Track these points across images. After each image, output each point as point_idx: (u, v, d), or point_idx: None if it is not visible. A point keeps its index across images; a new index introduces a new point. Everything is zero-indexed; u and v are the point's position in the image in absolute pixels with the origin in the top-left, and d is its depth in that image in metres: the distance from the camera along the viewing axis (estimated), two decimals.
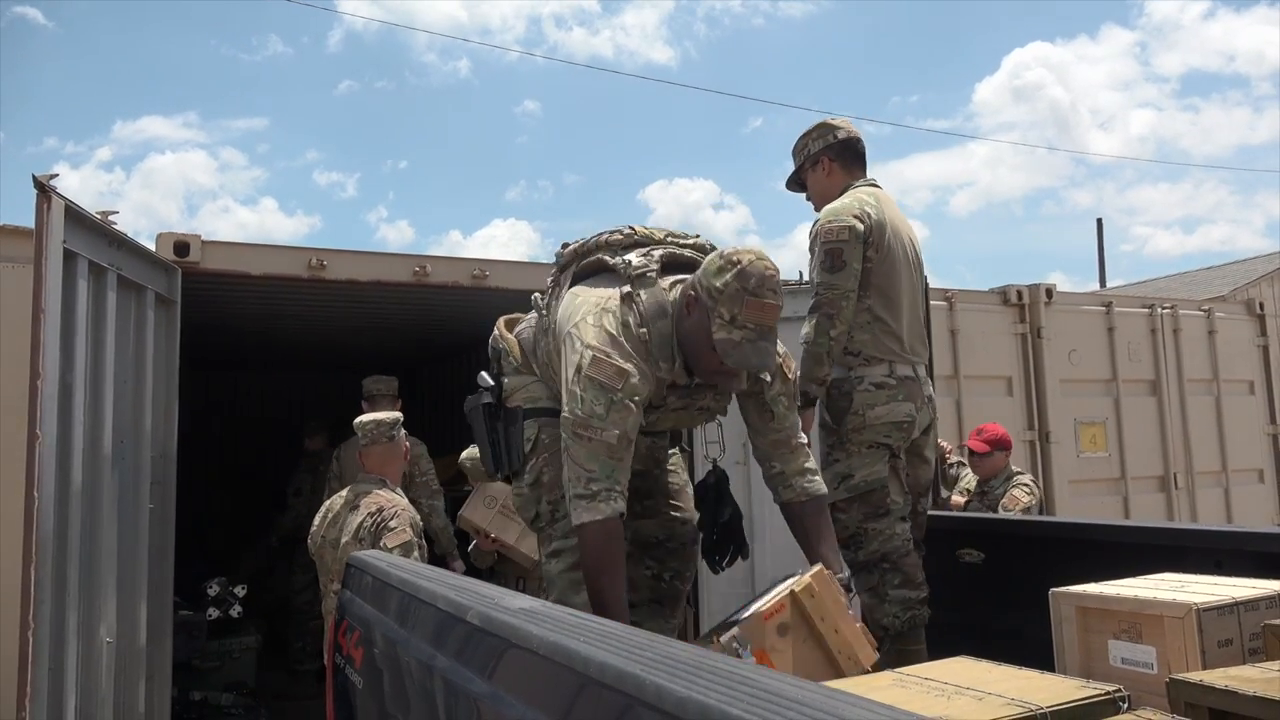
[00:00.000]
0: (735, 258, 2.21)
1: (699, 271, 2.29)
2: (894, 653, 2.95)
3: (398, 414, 4.06)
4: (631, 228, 2.52)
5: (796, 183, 3.31)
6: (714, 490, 2.69)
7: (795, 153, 3.29)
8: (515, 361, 2.64)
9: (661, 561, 2.72)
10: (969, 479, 5.03)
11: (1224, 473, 7.07)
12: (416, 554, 3.63)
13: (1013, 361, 6.25)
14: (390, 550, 3.54)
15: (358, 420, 3.98)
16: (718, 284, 2.20)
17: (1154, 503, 6.69)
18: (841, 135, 3.17)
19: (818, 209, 3.14)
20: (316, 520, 3.88)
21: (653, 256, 2.42)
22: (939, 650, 2.08)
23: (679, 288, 2.35)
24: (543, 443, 2.48)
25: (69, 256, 3.31)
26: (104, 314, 3.60)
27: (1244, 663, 1.71)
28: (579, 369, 2.24)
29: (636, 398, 2.23)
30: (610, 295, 2.35)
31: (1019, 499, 4.62)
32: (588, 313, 2.31)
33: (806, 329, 2.96)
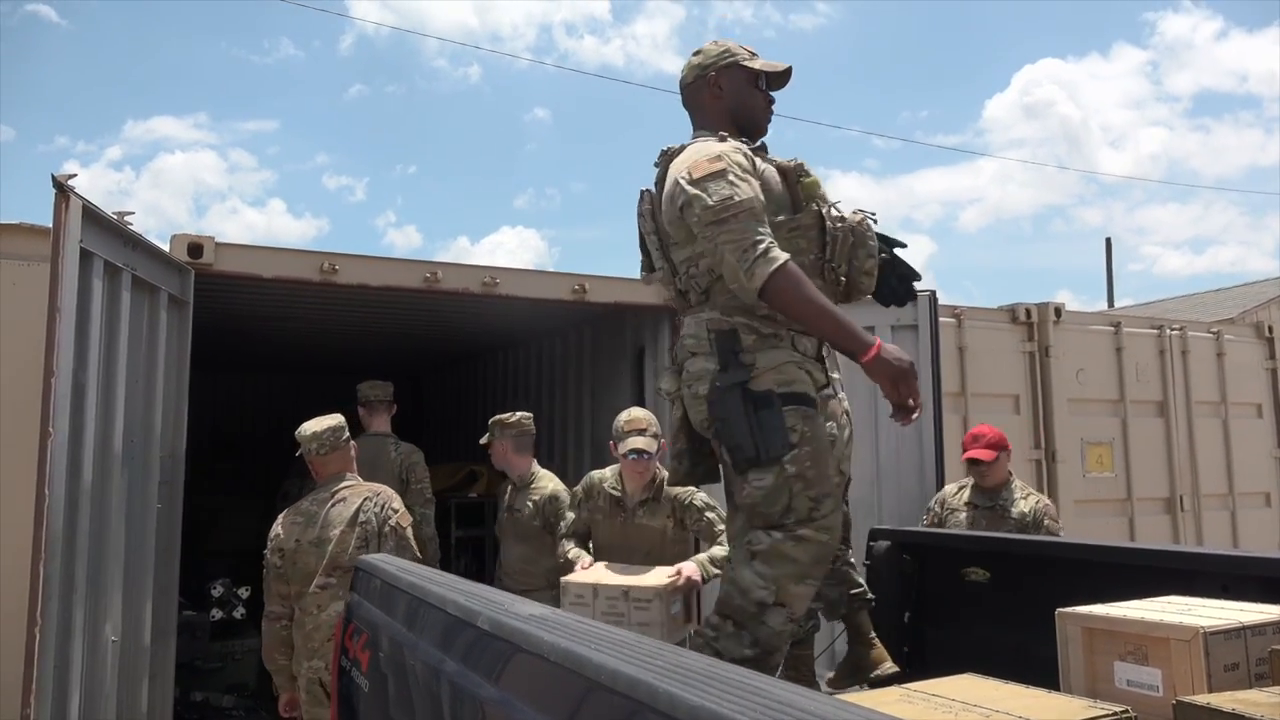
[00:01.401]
0: (702, 48, 2.73)
1: (692, 72, 2.73)
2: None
3: (340, 417, 3.86)
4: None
5: None
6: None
7: None
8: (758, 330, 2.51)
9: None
10: (961, 494, 4.48)
11: (1230, 496, 7.03)
12: (412, 532, 3.68)
13: (1020, 380, 6.24)
14: (403, 529, 3.59)
15: (309, 433, 3.73)
16: (716, 52, 2.69)
17: (1159, 524, 6.65)
18: None
19: None
20: (282, 529, 3.61)
21: None
22: (945, 668, 2.08)
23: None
24: (805, 435, 2.41)
25: (85, 256, 3.34)
26: (118, 314, 3.62)
27: (1250, 687, 1.71)
28: (689, 179, 2.45)
29: (743, 169, 2.45)
30: None
31: (1054, 510, 4.40)
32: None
33: None
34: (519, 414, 4.57)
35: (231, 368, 9.37)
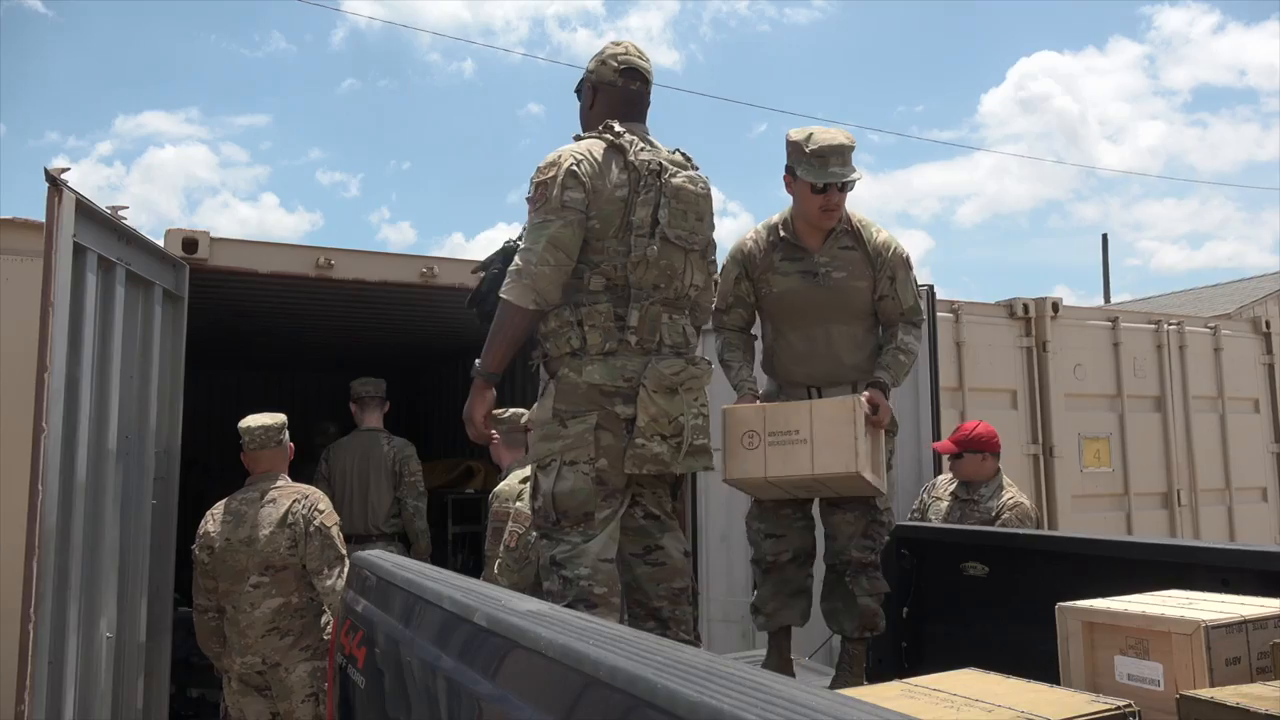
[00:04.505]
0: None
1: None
2: None
3: (283, 417, 3.92)
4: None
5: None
6: None
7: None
8: None
9: None
10: (951, 485, 4.46)
11: (1227, 490, 7.04)
12: (337, 531, 3.73)
13: (1017, 375, 6.23)
14: (327, 528, 3.67)
15: (242, 426, 3.81)
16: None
17: (1157, 519, 6.66)
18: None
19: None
20: (212, 526, 3.70)
21: None
22: (943, 663, 2.07)
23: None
24: None
25: (79, 251, 3.32)
26: (112, 309, 3.60)
27: (1252, 681, 1.70)
28: None
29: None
30: None
31: (1028, 511, 4.25)
32: None
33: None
34: (512, 410, 4.58)
35: (226, 364, 9.33)
